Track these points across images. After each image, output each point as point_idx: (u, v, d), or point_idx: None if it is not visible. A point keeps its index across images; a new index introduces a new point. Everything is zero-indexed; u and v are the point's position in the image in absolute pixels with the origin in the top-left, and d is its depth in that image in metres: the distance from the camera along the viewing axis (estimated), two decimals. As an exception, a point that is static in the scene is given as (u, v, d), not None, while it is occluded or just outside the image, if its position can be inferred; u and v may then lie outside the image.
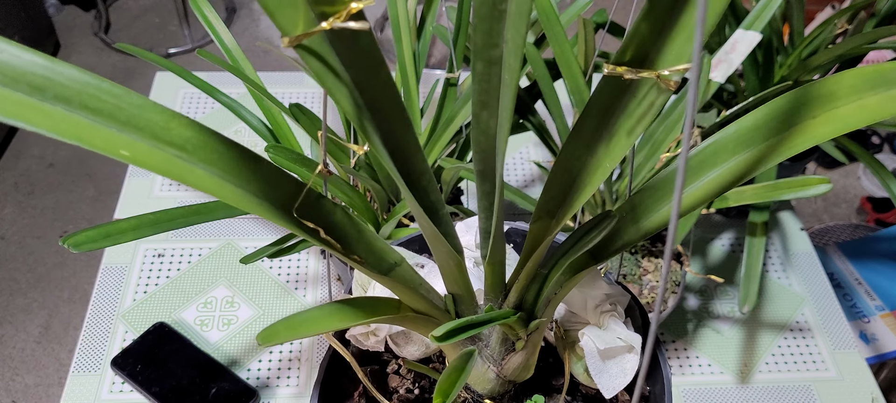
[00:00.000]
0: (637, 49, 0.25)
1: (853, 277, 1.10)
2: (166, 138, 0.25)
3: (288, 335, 0.32)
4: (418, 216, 0.32)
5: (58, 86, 0.23)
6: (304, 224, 0.29)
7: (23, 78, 0.22)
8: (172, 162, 0.25)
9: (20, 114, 0.22)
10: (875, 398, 0.78)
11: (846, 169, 2.04)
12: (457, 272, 0.36)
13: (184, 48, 2.33)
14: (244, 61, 0.73)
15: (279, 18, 0.23)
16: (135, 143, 0.24)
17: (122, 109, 0.24)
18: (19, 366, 1.54)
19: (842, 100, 0.28)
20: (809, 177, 0.66)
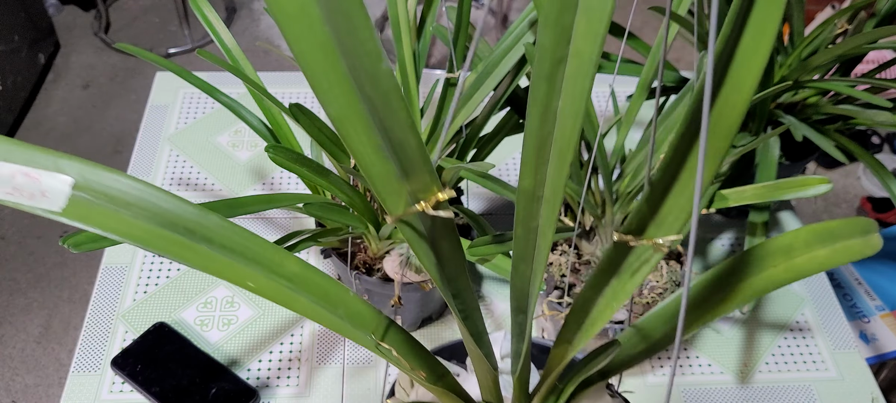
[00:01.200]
0: (638, 223, 0.33)
1: (853, 277, 1.10)
2: (279, 272, 0.32)
3: None
4: (467, 341, 0.40)
5: (204, 229, 0.30)
6: (379, 344, 0.38)
7: (179, 222, 0.29)
8: (283, 291, 0.32)
9: (175, 250, 0.29)
10: (875, 398, 0.78)
11: (846, 169, 2.04)
12: (492, 384, 0.44)
13: (184, 48, 2.33)
14: (244, 61, 0.73)
15: (388, 203, 0.30)
16: (257, 276, 0.31)
17: (249, 249, 0.31)
18: (19, 366, 1.55)
19: (798, 251, 0.36)
20: (809, 177, 0.66)
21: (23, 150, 0.27)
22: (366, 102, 0.25)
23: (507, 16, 2.50)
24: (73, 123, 2.07)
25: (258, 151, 1.01)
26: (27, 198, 0.27)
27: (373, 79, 0.24)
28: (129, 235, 0.28)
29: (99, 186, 0.28)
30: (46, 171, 0.27)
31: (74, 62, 2.27)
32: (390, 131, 0.26)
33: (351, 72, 0.24)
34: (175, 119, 1.04)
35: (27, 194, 0.27)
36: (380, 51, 0.24)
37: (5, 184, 0.26)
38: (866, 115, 0.78)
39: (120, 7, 2.50)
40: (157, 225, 0.29)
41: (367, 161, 0.27)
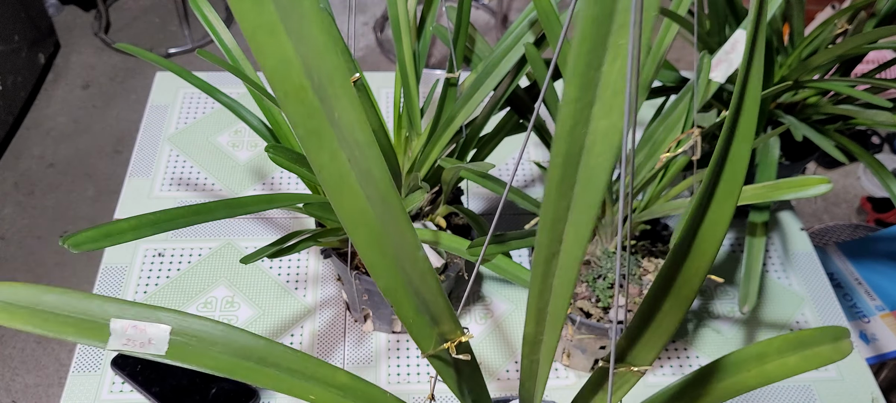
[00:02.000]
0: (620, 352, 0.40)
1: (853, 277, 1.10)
2: (333, 383, 0.38)
3: None
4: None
5: (272, 357, 0.37)
6: None
7: (253, 353, 0.37)
8: (337, 399, 0.39)
9: (253, 376, 0.36)
10: (875, 398, 0.78)
11: (846, 169, 2.04)
12: None
13: (184, 48, 2.33)
14: (244, 61, 0.73)
15: (422, 343, 0.37)
16: (315, 389, 0.38)
17: (307, 368, 0.38)
18: (19, 366, 1.55)
19: (769, 358, 0.40)
20: (809, 177, 0.66)
21: (131, 307, 0.34)
22: (405, 275, 0.34)
23: (507, 16, 2.50)
24: (73, 123, 2.07)
25: (258, 151, 1.01)
26: (138, 347, 0.34)
27: (412, 262, 0.34)
28: (217, 367, 0.35)
29: (190, 331, 0.35)
30: (149, 323, 0.34)
31: (74, 62, 2.27)
32: (424, 295, 0.35)
33: (397, 258, 0.33)
34: (175, 119, 1.04)
35: (138, 343, 0.34)
36: (418, 242, 0.33)
37: (120, 336, 0.34)
38: (866, 115, 0.78)
39: (120, 7, 2.50)
40: (237, 358, 0.36)
41: (407, 314, 0.35)
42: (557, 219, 0.31)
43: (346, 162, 0.28)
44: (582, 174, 0.29)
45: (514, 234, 0.71)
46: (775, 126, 0.82)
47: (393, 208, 0.31)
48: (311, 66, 0.26)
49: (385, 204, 0.30)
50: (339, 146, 0.28)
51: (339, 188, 0.29)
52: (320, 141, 0.28)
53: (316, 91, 0.27)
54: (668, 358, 0.81)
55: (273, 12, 0.25)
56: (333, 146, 0.28)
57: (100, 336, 0.33)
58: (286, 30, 0.26)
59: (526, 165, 1.02)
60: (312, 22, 0.26)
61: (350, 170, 0.29)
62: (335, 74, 0.27)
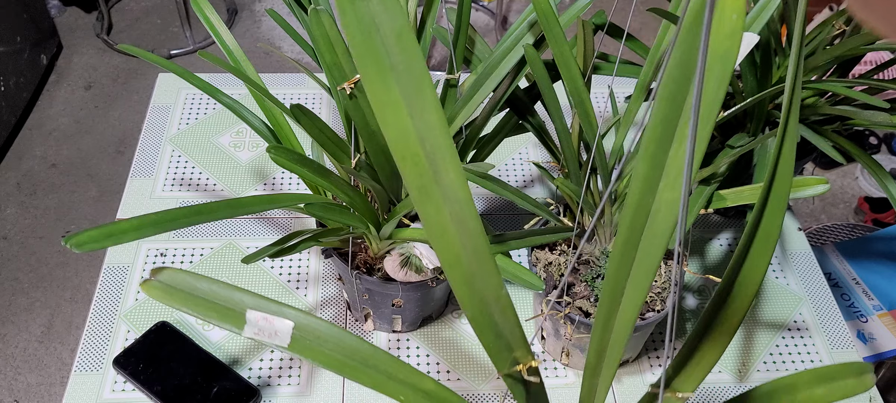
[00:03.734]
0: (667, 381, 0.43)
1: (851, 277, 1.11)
2: (419, 387, 0.42)
3: None
4: None
5: (375, 360, 0.41)
6: None
7: (357, 354, 0.41)
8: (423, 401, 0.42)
9: (357, 375, 0.41)
10: (873, 397, 0.78)
11: (844, 169, 2.04)
12: None
13: (185, 49, 2.33)
14: (246, 62, 0.74)
15: (497, 363, 0.41)
16: (403, 391, 0.41)
17: (399, 370, 0.41)
18: (22, 366, 1.55)
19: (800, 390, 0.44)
20: (807, 178, 0.67)
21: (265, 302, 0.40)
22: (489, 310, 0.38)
23: (507, 17, 2.50)
24: (76, 124, 2.07)
25: (259, 152, 1.01)
26: (267, 337, 0.39)
27: (496, 299, 0.38)
28: (328, 364, 0.40)
29: (309, 328, 0.40)
30: (277, 318, 0.39)
31: (76, 63, 2.28)
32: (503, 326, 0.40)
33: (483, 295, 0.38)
34: (177, 120, 1.05)
35: (267, 333, 0.39)
36: (501, 283, 0.38)
37: (253, 325, 0.39)
38: (864, 116, 0.79)
39: (122, 8, 2.50)
40: (345, 357, 0.40)
41: (487, 339, 0.39)
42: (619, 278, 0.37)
43: (447, 215, 0.35)
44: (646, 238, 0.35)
45: (513, 234, 0.72)
46: (773, 126, 0.83)
47: (483, 254, 0.36)
48: (424, 137, 0.33)
49: (477, 251, 0.36)
50: (442, 202, 0.35)
51: (442, 236, 0.35)
52: (428, 197, 0.34)
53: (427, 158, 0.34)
54: (668, 358, 0.81)
55: (397, 93, 0.32)
56: (438, 202, 0.35)
57: (237, 323, 0.39)
58: (408, 108, 0.33)
59: (526, 166, 1.03)
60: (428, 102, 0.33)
61: (450, 223, 0.35)
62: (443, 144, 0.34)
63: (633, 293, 0.38)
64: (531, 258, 0.78)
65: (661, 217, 0.34)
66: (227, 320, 0.39)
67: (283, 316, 0.39)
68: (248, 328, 0.39)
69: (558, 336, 0.78)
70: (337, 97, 0.65)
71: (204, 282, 0.39)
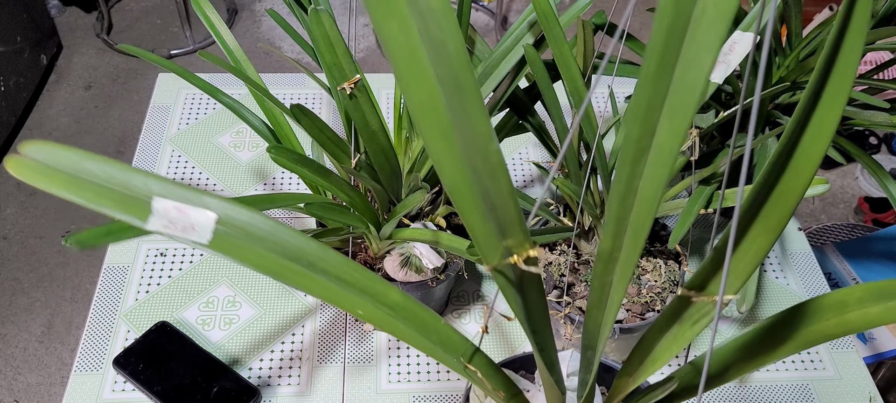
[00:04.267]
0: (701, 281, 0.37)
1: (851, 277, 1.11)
2: (383, 301, 0.36)
3: None
4: (541, 368, 0.44)
5: (323, 263, 0.34)
6: (467, 367, 0.42)
7: (303, 256, 0.33)
8: (386, 318, 0.36)
9: (300, 281, 0.33)
10: (873, 397, 0.78)
11: (844, 169, 2.04)
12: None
13: (186, 49, 2.33)
14: (246, 62, 0.74)
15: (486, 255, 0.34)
16: (365, 304, 0.35)
17: (358, 280, 0.35)
18: (22, 365, 1.55)
19: (851, 308, 0.37)
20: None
21: (177, 188, 0.31)
22: (475, 173, 0.29)
23: (507, 17, 2.50)
24: (76, 124, 2.07)
25: (259, 152, 1.01)
26: (180, 231, 0.31)
27: (484, 155, 0.29)
28: (262, 267, 0.32)
29: (238, 222, 0.32)
30: (195, 207, 0.31)
31: (76, 63, 2.28)
32: (494, 198, 0.31)
33: (464, 150, 0.29)
34: (177, 120, 1.05)
35: (180, 227, 0.31)
36: (491, 133, 0.29)
37: (162, 217, 0.30)
38: (864, 116, 0.79)
39: (122, 8, 2.50)
40: (285, 259, 0.33)
41: (472, 220, 0.31)
42: (652, 107, 0.28)
43: (416, 32, 0.25)
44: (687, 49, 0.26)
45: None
46: (773, 126, 0.83)
47: (467, 90, 0.27)
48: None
49: (458, 85, 0.27)
50: (410, 13, 0.25)
51: (409, 64, 0.26)
52: (389, 7, 0.24)
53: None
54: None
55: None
56: (404, 13, 0.25)
57: (140, 213, 0.30)
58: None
59: (525, 166, 1.03)
60: None
61: (421, 44, 0.25)
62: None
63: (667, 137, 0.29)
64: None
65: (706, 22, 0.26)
66: (125, 209, 0.30)
67: (205, 206, 0.31)
68: (155, 220, 0.30)
69: (558, 336, 0.78)
70: (337, 97, 0.65)
71: (93, 162, 0.31)
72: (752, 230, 0.34)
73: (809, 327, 0.38)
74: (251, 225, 0.32)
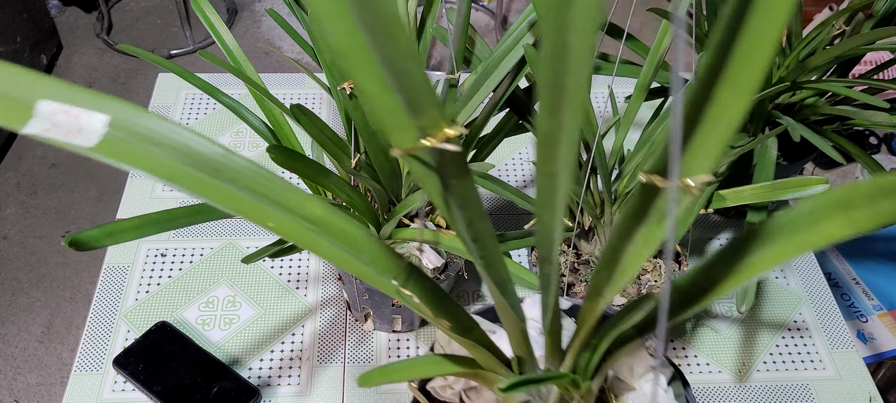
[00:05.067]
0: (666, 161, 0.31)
1: (851, 277, 1.11)
2: (302, 214, 0.32)
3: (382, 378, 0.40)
4: (492, 290, 0.39)
5: (229, 170, 0.31)
6: (401, 290, 0.37)
7: (206, 162, 0.30)
8: (306, 233, 0.32)
9: (200, 188, 0.30)
10: (873, 397, 0.78)
11: (844, 169, 2.04)
12: (520, 337, 0.43)
13: (185, 49, 2.33)
14: (246, 62, 0.74)
15: (395, 138, 0.29)
16: (279, 217, 0.31)
17: (273, 190, 0.31)
18: (22, 365, 1.55)
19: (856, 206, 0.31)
20: (807, 178, 0.67)
21: (68, 89, 0.28)
22: (370, 34, 0.25)
23: (507, 17, 2.50)
24: (75, 124, 2.07)
25: (259, 152, 1.01)
26: (63, 135, 0.28)
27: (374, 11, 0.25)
28: (156, 171, 0.29)
29: (132, 126, 0.29)
30: (85, 109, 0.28)
31: (77, 63, 2.28)
32: (394, 63, 0.26)
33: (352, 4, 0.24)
34: (177, 119, 1.05)
35: (64, 130, 0.28)
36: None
37: (45, 120, 0.27)
38: (864, 116, 0.79)
39: (122, 8, 2.50)
40: (185, 164, 0.30)
41: (371, 90, 0.27)
42: None
43: None
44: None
45: (513, 234, 0.72)
46: (773, 126, 0.83)
47: None
48: None
49: None
50: None
51: None
52: None
53: None
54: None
55: None
56: None
57: (18, 117, 0.27)
58: None
59: (526, 166, 1.03)
60: None
61: None
62: None
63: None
64: (531, 258, 0.78)
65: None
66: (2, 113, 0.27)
67: (97, 109, 0.28)
68: (37, 122, 0.27)
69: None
70: (337, 97, 0.65)
71: None
72: (721, 93, 0.27)
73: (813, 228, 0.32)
74: (148, 129, 0.30)
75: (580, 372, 0.45)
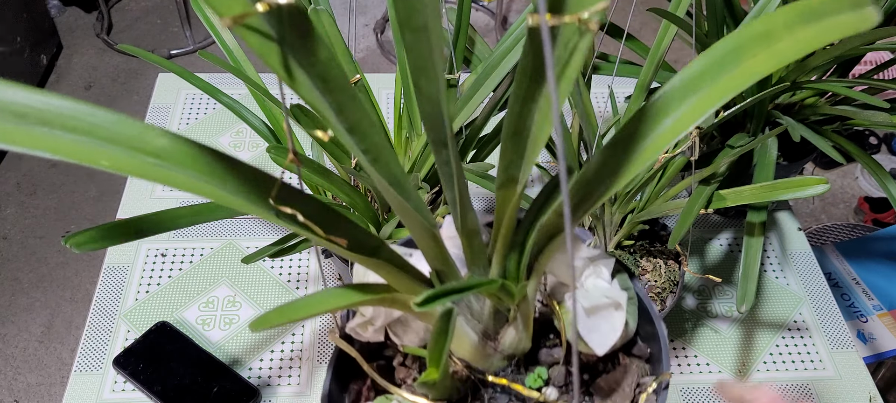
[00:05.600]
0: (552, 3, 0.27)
1: (851, 277, 1.11)
2: (142, 148, 0.28)
3: (279, 319, 0.34)
4: (384, 190, 0.33)
5: (39, 113, 0.27)
6: (281, 210, 0.32)
7: (7, 109, 0.26)
8: (151, 168, 0.28)
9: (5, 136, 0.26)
10: (873, 397, 0.78)
11: (844, 169, 2.04)
12: (433, 244, 0.38)
13: (186, 49, 2.33)
14: (245, 62, 0.74)
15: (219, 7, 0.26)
16: (115, 155, 0.28)
17: (99, 127, 0.28)
18: (22, 365, 1.55)
19: (779, 37, 0.30)
20: (807, 178, 0.67)
21: None
22: None
23: (507, 17, 2.50)
24: (75, 124, 2.07)
25: (259, 152, 1.01)
26: None
27: None
28: None
29: None
30: None
31: (77, 63, 2.28)
32: None
33: None
34: (177, 120, 1.05)
35: None
36: None
37: None
38: (864, 116, 0.79)
39: (122, 8, 2.50)
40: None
41: None
42: None
43: None
44: None
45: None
46: (773, 126, 0.83)
47: None
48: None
49: None
50: None
51: None
52: None
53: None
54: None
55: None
56: None
57: None
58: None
59: (526, 166, 1.03)
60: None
61: None
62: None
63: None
64: None
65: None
66: None
67: None
68: None
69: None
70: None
71: None
72: None
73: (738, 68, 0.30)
74: None
75: (510, 278, 0.40)
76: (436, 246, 0.38)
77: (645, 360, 0.49)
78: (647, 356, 0.49)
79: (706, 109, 0.32)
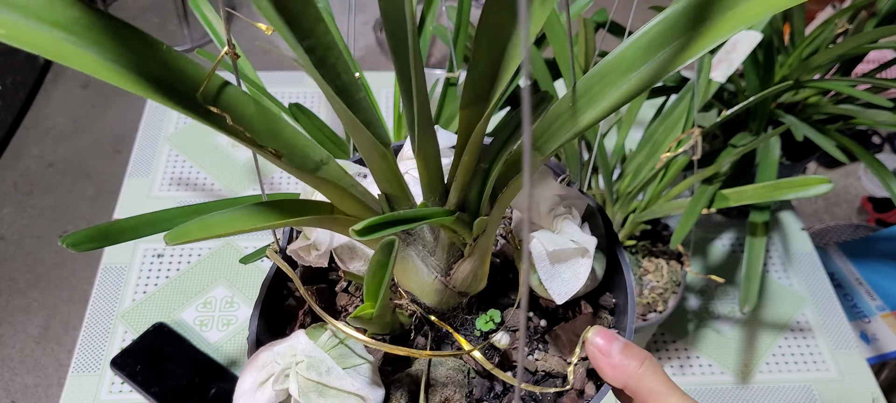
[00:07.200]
0: None
1: (854, 277, 1.10)
2: (49, 19, 0.24)
3: (200, 233, 0.30)
4: (332, 100, 0.30)
5: None
6: (208, 109, 0.28)
7: None
8: (59, 43, 0.24)
9: None
10: (876, 398, 0.78)
11: (847, 169, 2.04)
12: (383, 164, 0.34)
13: (183, 47, 2.33)
14: (244, 61, 0.73)
15: None
16: (11, 22, 0.23)
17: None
18: (18, 366, 1.54)
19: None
20: (810, 177, 0.66)
21: None
22: None
23: (507, 15, 2.49)
24: (73, 123, 2.06)
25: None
26: None
27: None
28: None
29: None
30: None
31: (74, 62, 2.27)
32: None
33: None
34: (174, 118, 1.04)
35: None
36: None
37: None
38: (867, 115, 0.78)
39: (119, 6, 2.49)
40: None
41: None
42: None
43: None
44: None
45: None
46: (776, 126, 0.82)
47: None
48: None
49: None
50: None
51: None
52: None
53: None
54: (669, 358, 0.80)
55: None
56: None
57: None
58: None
59: (526, 165, 1.02)
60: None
61: None
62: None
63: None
64: None
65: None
66: None
67: None
68: None
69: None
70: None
71: None
72: None
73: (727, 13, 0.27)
74: None
75: (470, 210, 0.35)
76: (386, 168, 0.34)
77: (609, 311, 0.45)
78: (611, 307, 0.45)
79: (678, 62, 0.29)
